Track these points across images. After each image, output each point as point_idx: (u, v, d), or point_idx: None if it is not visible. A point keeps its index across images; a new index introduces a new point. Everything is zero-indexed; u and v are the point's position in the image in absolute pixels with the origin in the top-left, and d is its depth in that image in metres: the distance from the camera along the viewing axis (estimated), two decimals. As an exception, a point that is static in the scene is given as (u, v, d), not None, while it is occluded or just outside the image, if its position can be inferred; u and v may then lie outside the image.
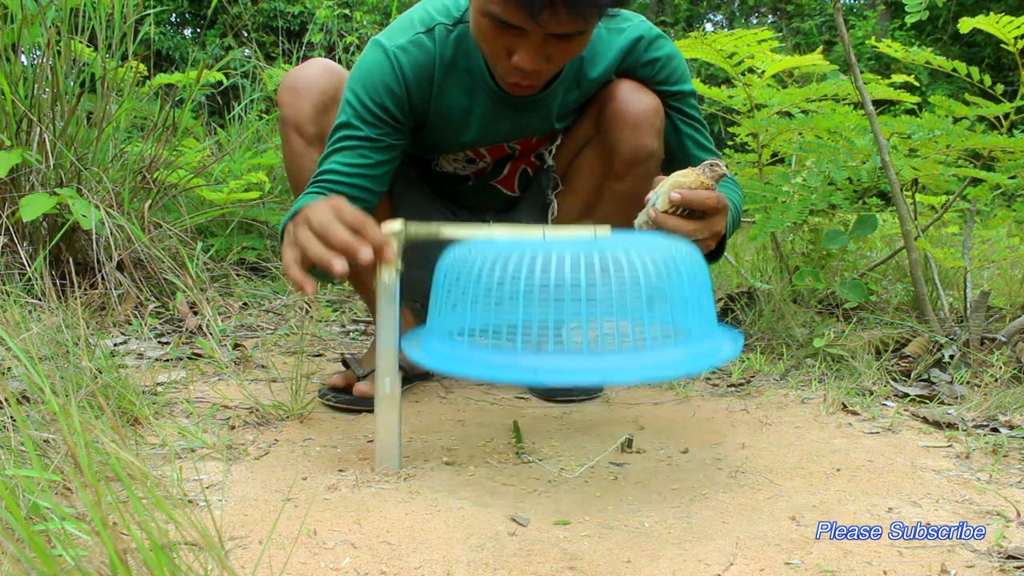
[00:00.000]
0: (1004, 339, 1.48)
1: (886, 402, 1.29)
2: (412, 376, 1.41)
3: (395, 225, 0.95)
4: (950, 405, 1.25)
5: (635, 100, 1.19)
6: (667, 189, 0.97)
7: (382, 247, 0.91)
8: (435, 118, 1.22)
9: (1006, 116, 1.69)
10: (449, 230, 0.97)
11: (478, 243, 0.91)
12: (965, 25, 1.57)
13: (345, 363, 1.32)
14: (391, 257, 0.92)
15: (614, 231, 0.98)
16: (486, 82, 1.18)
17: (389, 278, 0.93)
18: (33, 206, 1.62)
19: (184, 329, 1.71)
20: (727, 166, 1.01)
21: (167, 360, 1.49)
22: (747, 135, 2.00)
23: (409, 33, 1.17)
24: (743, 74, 1.82)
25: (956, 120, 1.68)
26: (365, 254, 0.88)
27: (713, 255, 1.17)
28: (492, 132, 1.25)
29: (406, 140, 1.22)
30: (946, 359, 1.43)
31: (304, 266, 0.92)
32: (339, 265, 0.88)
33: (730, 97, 1.89)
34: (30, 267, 1.64)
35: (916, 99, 1.88)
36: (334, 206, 0.92)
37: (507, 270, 0.84)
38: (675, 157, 1.26)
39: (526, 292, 0.83)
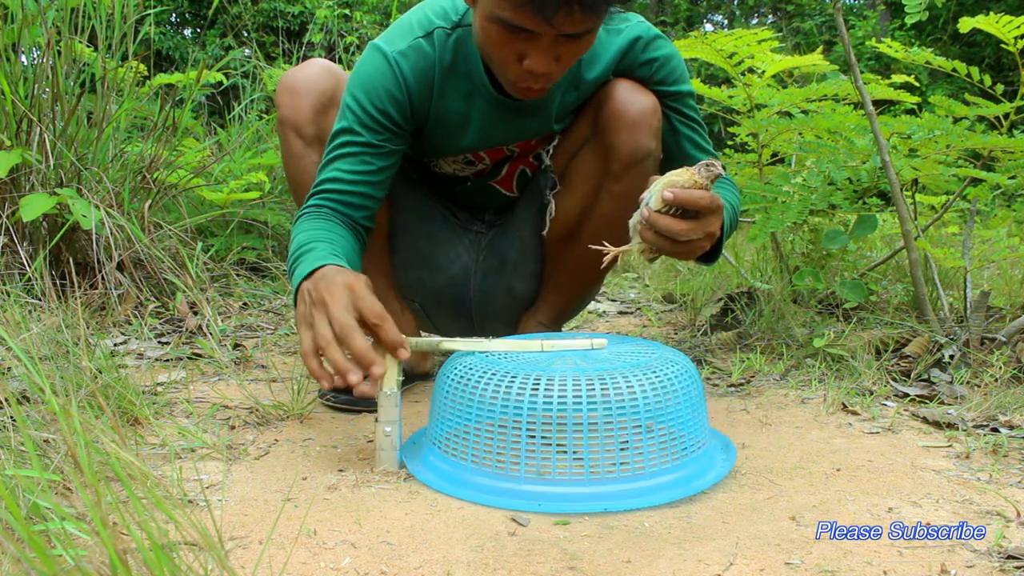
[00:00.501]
0: (1004, 339, 1.48)
1: (886, 402, 1.29)
2: (412, 376, 1.41)
3: None
4: (950, 405, 1.25)
5: (632, 100, 1.19)
6: (660, 188, 0.97)
7: (397, 348, 0.94)
8: (435, 122, 1.22)
9: (1006, 116, 1.69)
10: (448, 344, 1.01)
11: (477, 361, 0.95)
12: (965, 25, 1.57)
13: None
14: (405, 357, 0.95)
15: (611, 341, 1.03)
16: (485, 86, 1.18)
17: (391, 391, 0.95)
18: (33, 206, 1.62)
19: (184, 329, 1.71)
20: (724, 167, 1.01)
21: (167, 360, 1.49)
22: (747, 135, 1.99)
23: (409, 38, 1.16)
24: (743, 74, 1.82)
25: (956, 120, 1.68)
26: (377, 371, 0.90)
27: (710, 256, 1.17)
28: (491, 136, 1.25)
29: (406, 145, 1.22)
30: (946, 359, 1.43)
31: (320, 358, 0.94)
32: (355, 378, 0.90)
33: (730, 97, 1.89)
34: (30, 267, 1.64)
35: (916, 99, 1.88)
36: (353, 294, 0.93)
37: (510, 392, 0.89)
38: (673, 157, 1.26)
39: (528, 417, 0.88)
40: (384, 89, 1.15)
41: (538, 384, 0.88)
